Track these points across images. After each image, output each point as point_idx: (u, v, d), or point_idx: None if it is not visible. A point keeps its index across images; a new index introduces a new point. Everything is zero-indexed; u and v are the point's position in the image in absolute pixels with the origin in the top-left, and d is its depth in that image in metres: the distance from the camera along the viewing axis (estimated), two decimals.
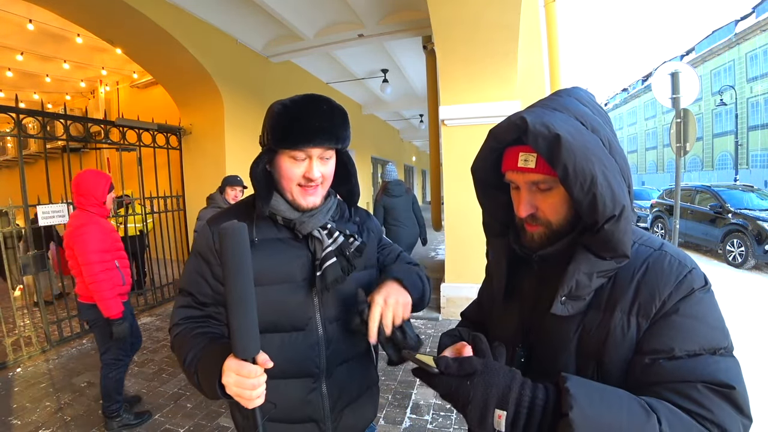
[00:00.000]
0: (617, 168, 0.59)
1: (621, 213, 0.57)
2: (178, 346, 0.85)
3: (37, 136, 3.68)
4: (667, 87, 4.56)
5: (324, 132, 0.81)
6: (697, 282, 0.57)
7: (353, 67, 7.06)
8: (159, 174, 4.82)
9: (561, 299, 0.61)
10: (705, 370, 0.53)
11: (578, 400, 0.49)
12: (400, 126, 13.82)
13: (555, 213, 0.63)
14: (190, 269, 0.90)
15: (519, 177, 0.65)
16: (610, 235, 0.57)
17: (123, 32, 4.29)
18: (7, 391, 2.87)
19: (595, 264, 0.60)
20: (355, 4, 4.60)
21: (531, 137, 0.57)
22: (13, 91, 5.69)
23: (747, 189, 7.89)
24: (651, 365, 0.56)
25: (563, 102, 0.63)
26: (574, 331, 0.62)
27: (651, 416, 0.49)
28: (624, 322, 0.58)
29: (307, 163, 0.83)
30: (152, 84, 5.96)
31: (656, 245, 0.63)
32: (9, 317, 4.04)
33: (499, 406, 0.54)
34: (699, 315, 0.56)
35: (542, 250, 0.66)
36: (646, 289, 0.58)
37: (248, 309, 0.64)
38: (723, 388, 0.52)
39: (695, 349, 0.54)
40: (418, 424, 2.34)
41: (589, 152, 0.56)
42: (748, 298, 4.74)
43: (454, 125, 4.00)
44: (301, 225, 0.87)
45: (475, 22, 3.34)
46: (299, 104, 0.82)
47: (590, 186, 0.55)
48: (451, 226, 4.10)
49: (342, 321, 0.92)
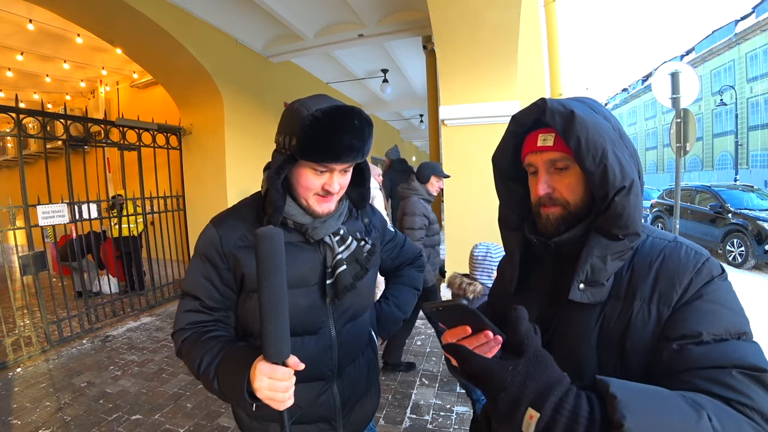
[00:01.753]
0: (627, 151, 0.63)
1: (631, 186, 0.59)
2: (187, 351, 0.83)
3: (37, 136, 3.67)
4: (667, 87, 4.57)
5: (353, 150, 0.79)
6: (715, 270, 0.59)
7: (353, 67, 7.06)
8: (159, 174, 4.82)
9: (579, 286, 0.62)
10: (735, 354, 0.52)
11: (630, 407, 0.46)
12: (400, 126, 13.81)
13: (572, 193, 0.66)
14: (196, 273, 0.86)
15: (537, 158, 0.68)
16: (621, 208, 0.59)
17: (123, 32, 4.29)
18: (7, 391, 2.87)
19: (607, 246, 0.62)
20: (355, 4, 4.60)
21: (549, 114, 0.63)
22: (13, 91, 5.68)
23: (747, 189, 7.89)
24: (679, 351, 0.55)
25: (579, 98, 0.68)
26: (596, 322, 0.62)
27: (702, 414, 0.47)
28: (644, 310, 0.59)
29: (328, 176, 0.82)
30: (152, 84, 5.95)
31: (670, 238, 0.65)
32: (9, 317, 4.04)
33: (534, 406, 0.49)
34: (721, 300, 0.57)
35: (558, 237, 0.67)
36: (665, 278, 0.59)
37: (282, 313, 0.64)
38: (756, 372, 0.51)
39: (721, 333, 0.54)
40: (418, 424, 2.34)
41: (601, 129, 0.60)
42: (748, 298, 4.74)
43: (454, 125, 4.00)
44: (314, 231, 0.86)
45: (475, 22, 3.34)
46: (331, 117, 0.77)
47: (601, 158, 0.59)
48: (451, 226, 4.10)
49: (354, 322, 0.94)
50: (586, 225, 0.65)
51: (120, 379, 3.03)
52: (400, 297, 1.15)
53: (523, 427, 0.49)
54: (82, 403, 2.68)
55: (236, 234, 0.85)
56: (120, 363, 3.31)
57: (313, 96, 0.83)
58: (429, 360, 3.17)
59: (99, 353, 3.53)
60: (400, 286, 1.17)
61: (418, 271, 1.21)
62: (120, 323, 4.25)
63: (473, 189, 3.93)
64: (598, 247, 0.62)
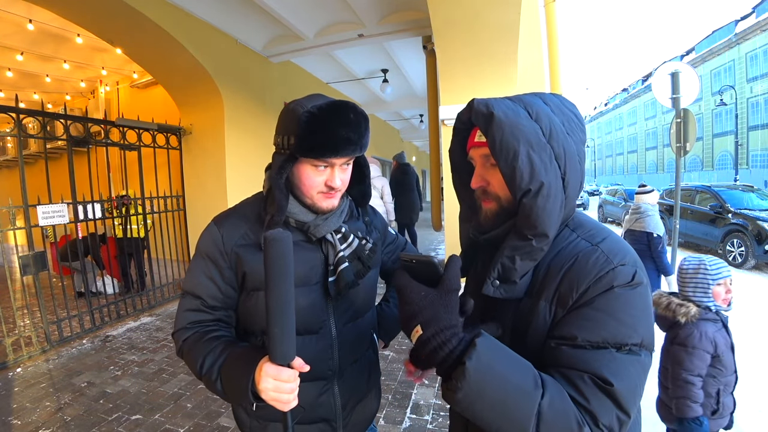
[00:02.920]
0: (550, 153, 0.64)
1: (539, 189, 0.62)
2: (188, 351, 0.83)
3: (37, 136, 3.67)
4: (667, 87, 4.56)
5: (351, 143, 0.79)
6: (619, 279, 0.59)
7: (353, 67, 7.06)
8: (159, 174, 4.82)
9: (492, 282, 0.67)
10: (596, 363, 0.57)
11: (481, 356, 0.54)
12: (400, 126, 13.81)
13: (502, 189, 0.68)
14: (197, 271, 0.86)
15: (476, 152, 0.72)
16: (528, 209, 0.62)
17: (123, 32, 4.28)
18: (7, 391, 2.87)
19: (516, 245, 0.65)
20: (355, 4, 4.60)
21: (473, 114, 0.67)
22: (13, 91, 5.69)
23: (747, 189, 7.89)
24: (554, 349, 0.60)
25: (524, 96, 0.70)
26: (511, 317, 0.68)
27: (538, 389, 0.54)
28: (546, 309, 0.63)
29: (329, 172, 0.82)
30: (152, 84, 5.95)
31: (596, 240, 0.65)
32: (9, 317, 4.04)
33: (421, 326, 0.59)
34: (611, 310, 0.58)
35: (488, 233, 0.71)
36: (567, 281, 0.62)
37: (289, 317, 0.64)
38: (604, 384, 0.55)
39: (598, 340, 0.57)
40: (418, 424, 2.34)
41: (518, 131, 0.62)
42: (748, 298, 4.74)
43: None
44: (316, 229, 0.86)
45: (475, 22, 3.34)
46: (327, 112, 0.78)
47: (512, 159, 0.62)
48: (451, 226, 4.10)
49: (354, 322, 0.93)
50: (511, 223, 0.67)
51: (120, 379, 3.03)
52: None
53: (411, 335, 0.62)
54: (82, 403, 2.68)
55: (238, 232, 0.85)
56: (120, 363, 3.31)
57: (308, 96, 0.83)
58: None
59: (99, 353, 3.53)
60: None
61: None
62: (120, 323, 4.26)
63: None
64: (509, 246, 0.66)
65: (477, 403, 0.55)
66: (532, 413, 0.53)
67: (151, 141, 4.77)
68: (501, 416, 0.54)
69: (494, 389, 0.54)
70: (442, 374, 0.59)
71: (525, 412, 0.53)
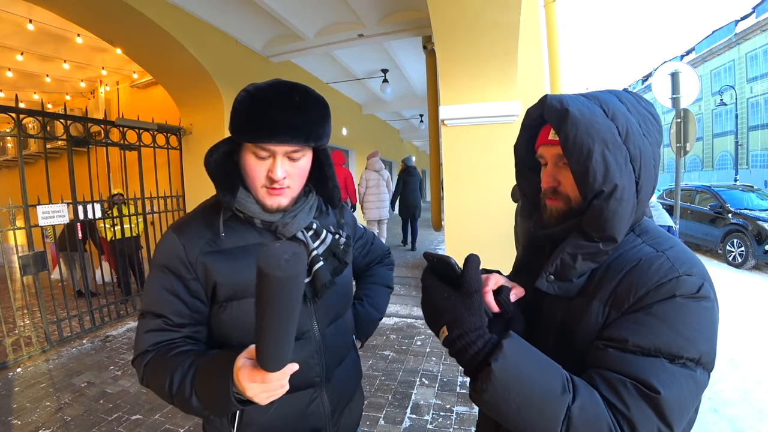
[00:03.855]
0: (625, 154, 0.60)
1: (612, 191, 0.59)
2: (152, 373, 0.73)
3: (37, 136, 3.67)
4: (667, 87, 4.57)
5: (290, 128, 0.71)
6: (683, 288, 0.56)
7: (353, 67, 7.05)
8: (159, 174, 4.82)
9: (548, 277, 0.65)
10: (644, 370, 0.53)
11: (507, 357, 0.54)
12: (400, 126, 13.81)
13: (574, 188, 0.65)
14: (156, 287, 0.76)
15: (548, 151, 0.69)
16: (599, 211, 0.60)
17: (123, 32, 4.28)
18: (7, 391, 2.87)
19: (580, 245, 0.63)
20: (355, 4, 4.59)
21: (546, 111, 0.64)
22: (13, 91, 5.68)
23: (747, 189, 7.88)
24: (601, 350, 0.58)
25: (598, 93, 0.66)
26: (561, 314, 0.66)
27: (566, 394, 0.52)
28: (599, 310, 0.61)
29: (271, 161, 0.74)
30: (152, 84, 5.95)
31: (662, 247, 0.62)
32: (9, 317, 4.04)
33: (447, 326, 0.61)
34: (669, 319, 0.55)
35: (549, 229, 0.69)
36: (625, 283, 0.59)
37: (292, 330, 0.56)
38: (649, 391, 0.52)
39: (650, 347, 0.54)
40: (418, 424, 2.34)
41: (594, 130, 0.59)
42: (748, 298, 4.74)
43: (454, 125, 4.00)
44: (284, 228, 0.79)
45: (475, 22, 3.33)
46: (265, 92, 0.72)
47: (586, 158, 0.59)
48: (451, 226, 4.10)
49: (336, 323, 0.89)
50: (576, 221, 0.65)
51: (120, 379, 3.03)
52: (375, 297, 1.11)
53: (439, 334, 0.63)
54: (82, 403, 2.69)
55: (202, 239, 0.77)
56: (120, 363, 3.31)
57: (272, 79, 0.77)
58: (429, 360, 3.17)
59: (99, 353, 3.53)
60: (373, 286, 1.12)
61: (388, 269, 1.18)
62: (120, 323, 4.26)
63: (473, 189, 3.93)
64: (571, 244, 0.63)
65: (503, 404, 0.54)
66: (559, 417, 0.52)
67: (151, 141, 4.77)
68: (527, 419, 0.53)
69: (520, 392, 0.53)
70: (469, 375, 0.59)
71: (552, 415, 0.52)
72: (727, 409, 2.50)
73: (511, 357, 0.54)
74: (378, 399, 2.62)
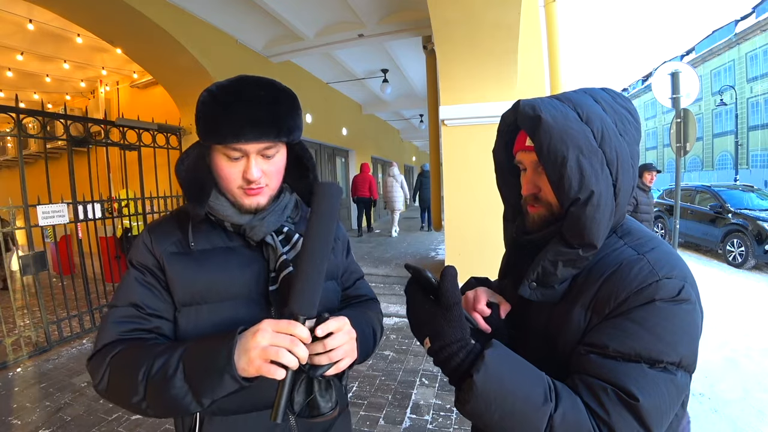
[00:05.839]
0: (601, 158, 0.59)
1: (588, 198, 0.58)
2: (122, 365, 0.65)
3: (37, 136, 3.67)
4: (667, 87, 4.57)
5: (259, 123, 0.67)
6: (662, 292, 0.55)
7: (353, 67, 7.06)
8: (159, 174, 4.82)
9: (530, 284, 0.65)
10: (624, 376, 0.53)
11: (489, 368, 0.54)
12: (400, 126, 13.82)
13: (554, 195, 0.65)
14: (131, 281, 0.73)
15: (526, 157, 0.68)
16: (576, 218, 0.59)
17: (123, 32, 4.28)
18: (7, 391, 2.87)
19: (560, 252, 0.62)
20: (355, 4, 4.60)
21: (519, 117, 0.64)
22: (13, 91, 5.68)
23: (747, 189, 7.89)
24: (583, 356, 0.58)
25: (572, 95, 0.65)
26: (545, 320, 0.66)
27: (548, 404, 0.53)
28: (581, 315, 0.61)
29: (245, 162, 0.70)
30: (152, 84, 5.95)
31: (643, 249, 0.61)
32: (9, 317, 4.04)
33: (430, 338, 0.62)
34: (649, 324, 0.55)
35: (531, 235, 0.69)
36: (606, 288, 0.59)
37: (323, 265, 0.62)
38: (628, 398, 0.52)
39: (630, 353, 0.54)
40: (418, 424, 2.34)
41: (567, 136, 0.59)
42: (748, 298, 4.74)
43: (454, 125, 4.00)
44: (252, 231, 0.74)
45: (475, 22, 3.33)
46: (227, 90, 0.69)
47: (560, 166, 0.59)
48: (451, 226, 4.10)
49: None
50: (557, 228, 0.64)
51: None
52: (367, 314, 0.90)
53: (424, 344, 0.64)
54: (82, 403, 2.68)
55: (169, 239, 0.75)
56: None
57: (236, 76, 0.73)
58: (429, 360, 3.17)
59: None
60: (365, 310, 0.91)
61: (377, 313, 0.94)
62: None
63: (473, 189, 3.93)
64: (552, 251, 0.63)
65: (486, 415, 0.54)
66: (541, 427, 0.52)
67: (151, 141, 4.77)
68: (510, 428, 0.54)
69: (502, 403, 0.53)
70: (453, 385, 0.60)
71: (534, 425, 0.53)
72: (727, 409, 2.49)
73: (493, 368, 0.54)
74: (378, 399, 2.62)
